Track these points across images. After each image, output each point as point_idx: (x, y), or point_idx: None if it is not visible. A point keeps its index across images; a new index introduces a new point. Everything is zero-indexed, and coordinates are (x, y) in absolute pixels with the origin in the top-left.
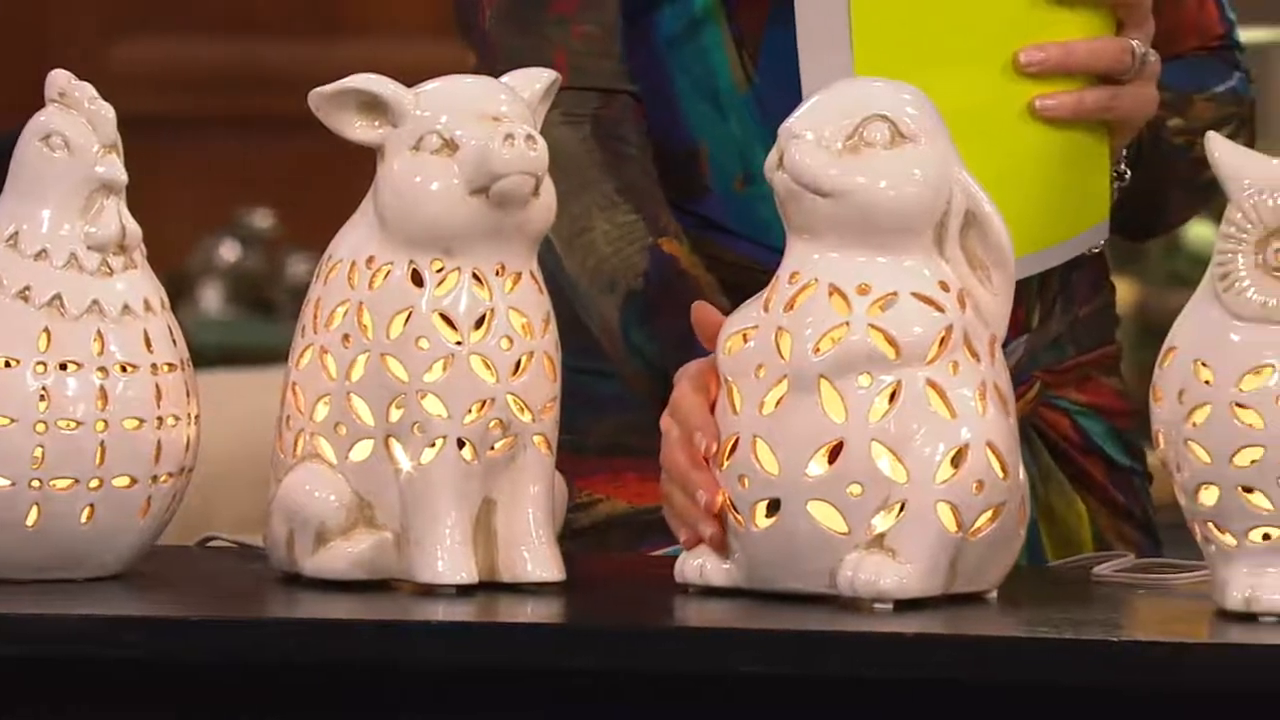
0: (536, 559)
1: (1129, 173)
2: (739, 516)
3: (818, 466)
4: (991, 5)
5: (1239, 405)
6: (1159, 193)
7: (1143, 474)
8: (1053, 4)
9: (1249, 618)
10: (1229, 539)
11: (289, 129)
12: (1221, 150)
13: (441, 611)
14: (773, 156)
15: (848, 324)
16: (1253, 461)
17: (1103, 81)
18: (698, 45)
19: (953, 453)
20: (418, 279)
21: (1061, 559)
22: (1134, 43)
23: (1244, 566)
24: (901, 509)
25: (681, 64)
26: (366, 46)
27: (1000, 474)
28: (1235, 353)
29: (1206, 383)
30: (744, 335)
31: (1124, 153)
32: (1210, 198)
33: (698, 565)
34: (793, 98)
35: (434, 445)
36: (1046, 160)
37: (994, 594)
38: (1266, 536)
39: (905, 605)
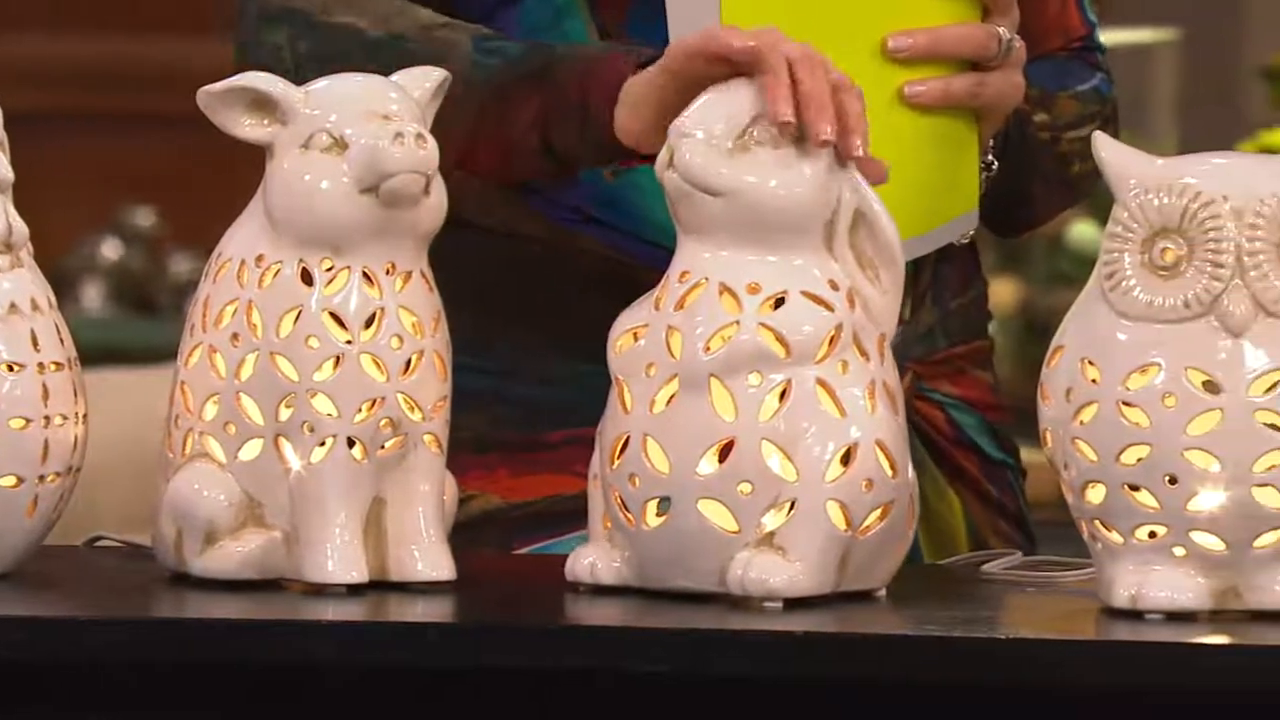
0: (427, 558)
1: (996, 163)
2: (629, 516)
3: (708, 465)
4: None
5: (1125, 404)
6: (1025, 187)
7: (1016, 469)
8: None
9: (1135, 615)
10: (1115, 537)
11: (171, 126)
12: (1108, 150)
13: (332, 611)
14: (663, 156)
15: (738, 323)
16: (1139, 460)
17: (970, 68)
18: (561, 35)
19: (842, 451)
20: (307, 278)
21: (936, 553)
22: (1000, 29)
23: (1130, 564)
24: (791, 507)
25: None
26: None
27: (889, 472)
28: (1122, 352)
29: (1094, 381)
30: (634, 334)
31: (991, 143)
32: (1077, 195)
33: (588, 564)
34: None
35: (324, 444)
36: (916, 147)
37: (883, 592)
38: (1152, 534)
39: (795, 603)
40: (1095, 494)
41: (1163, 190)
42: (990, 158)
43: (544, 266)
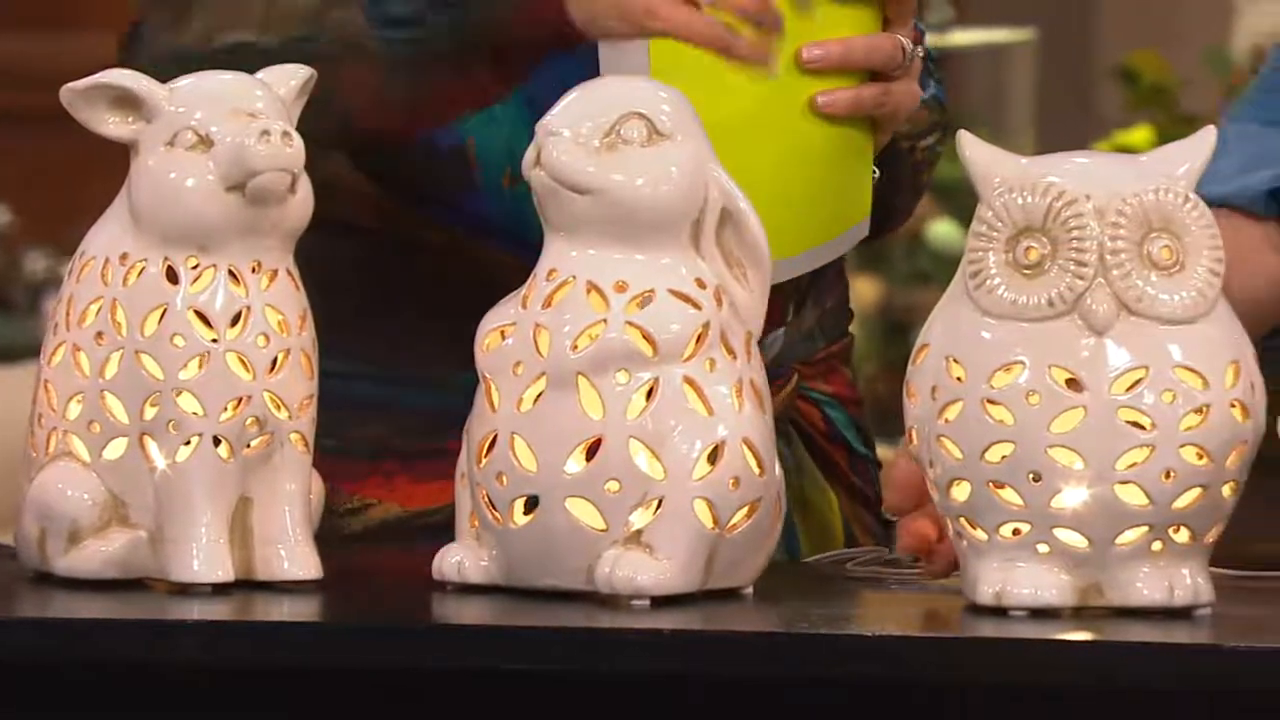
0: (293, 557)
1: (878, 172)
2: (497, 514)
3: (575, 463)
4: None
5: (990, 402)
6: (890, 194)
7: (875, 462)
8: (828, 2)
9: (999, 612)
10: (980, 534)
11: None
12: (973, 149)
13: (197, 610)
14: (530, 154)
15: (605, 321)
16: (1003, 457)
17: (869, 79)
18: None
19: (709, 449)
20: (172, 276)
21: (816, 548)
22: (903, 39)
23: (994, 561)
24: (659, 506)
25: None
26: (107, 40)
27: (756, 471)
28: (986, 350)
29: (959, 380)
30: (501, 332)
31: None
32: (923, 192)
33: (455, 562)
34: (563, 92)
35: (189, 443)
36: (823, 157)
37: (750, 590)
38: (1016, 532)
39: (662, 601)
40: (960, 491)
41: (1026, 189)
42: (874, 167)
43: (443, 274)
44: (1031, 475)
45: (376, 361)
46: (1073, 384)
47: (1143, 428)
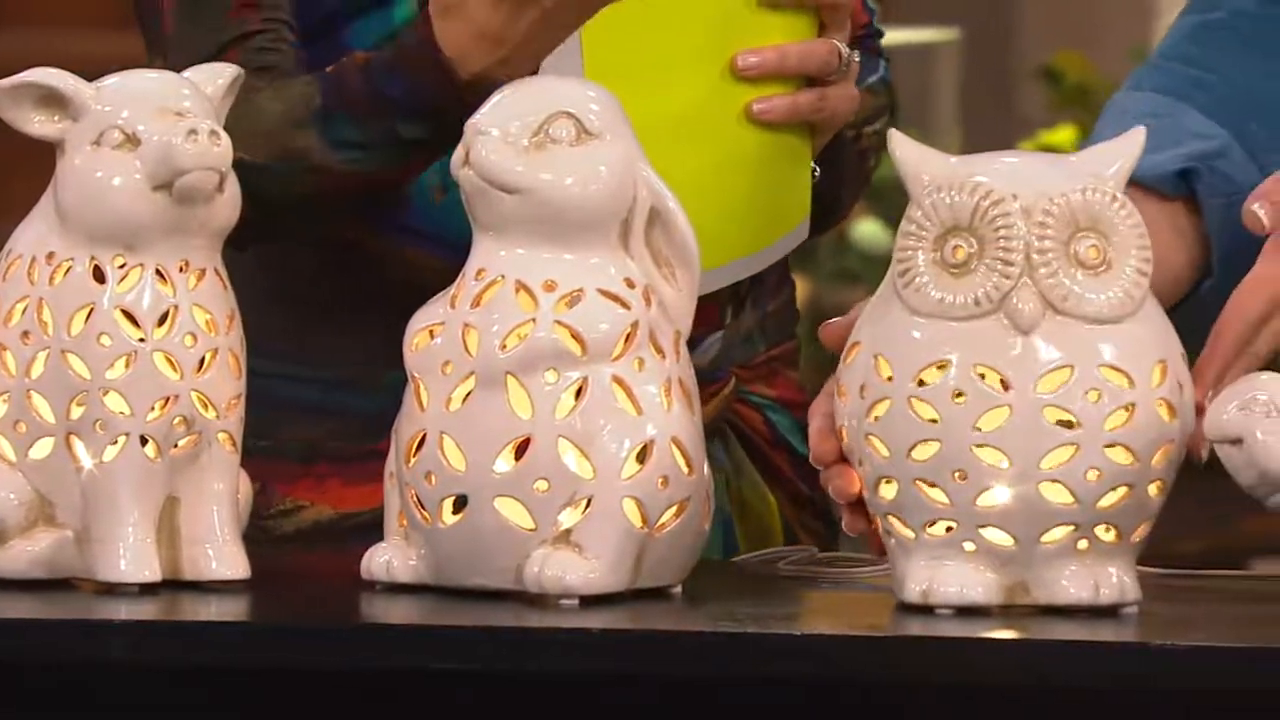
0: (221, 556)
1: (818, 170)
2: (425, 514)
3: (504, 463)
4: (706, 12)
5: (917, 400)
6: (835, 188)
7: None
8: (762, 9)
9: (926, 610)
10: (908, 532)
11: None
12: (903, 149)
13: (124, 610)
14: (459, 153)
15: (534, 320)
16: (930, 456)
17: (807, 84)
18: None
19: (638, 449)
20: (99, 275)
21: (754, 551)
22: (839, 44)
23: (922, 559)
24: (588, 505)
25: None
26: (29, 38)
27: (685, 470)
28: (914, 348)
29: (887, 378)
30: (430, 332)
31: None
32: (864, 189)
33: (384, 562)
34: None
35: (116, 443)
36: (760, 163)
37: (678, 589)
38: (944, 530)
39: (591, 601)
40: (888, 490)
41: (955, 188)
42: (813, 165)
43: (376, 277)
44: (957, 474)
45: (309, 363)
46: (1000, 383)
47: (1068, 426)
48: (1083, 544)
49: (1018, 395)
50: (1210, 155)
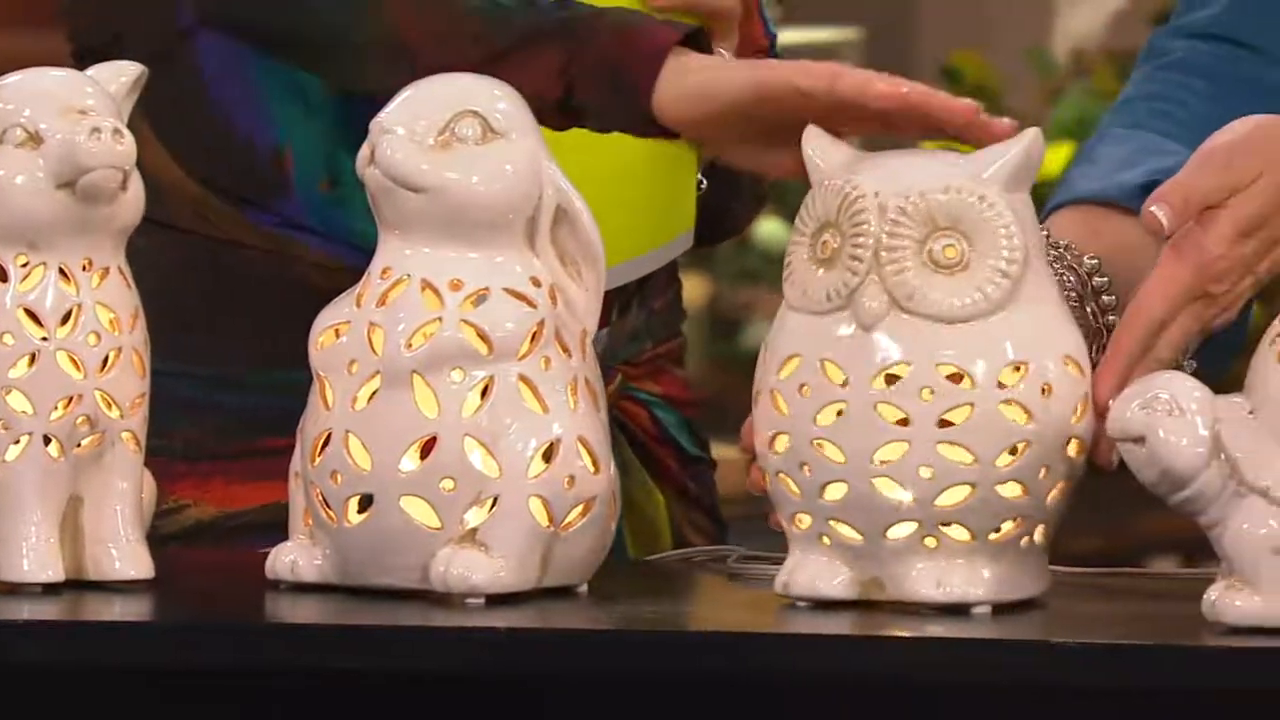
0: (125, 556)
1: (705, 182)
2: (331, 513)
3: (410, 462)
4: None
5: (777, 392)
6: (726, 201)
7: (709, 462)
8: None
9: (808, 604)
10: (785, 524)
11: None
12: (813, 145)
13: (27, 610)
14: (364, 152)
15: (440, 319)
16: (785, 449)
17: None
18: None
19: (544, 448)
20: (1, 274)
21: (642, 550)
22: (724, 53)
23: (797, 551)
24: (494, 504)
25: (267, 65)
26: None
27: (591, 469)
28: (780, 342)
29: (765, 371)
30: (336, 330)
31: (706, 155)
32: (766, 200)
33: (289, 561)
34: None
35: (19, 442)
36: (647, 170)
37: (584, 587)
38: (806, 523)
39: (497, 600)
40: (770, 483)
41: (830, 185)
42: (700, 176)
43: (261, 274)
44: (805, 467)
45: (193, 361)
46: (838, 377)
47: (899, 423)
48: (930, 542)
49: (853, 391)
50: (1172, 170)
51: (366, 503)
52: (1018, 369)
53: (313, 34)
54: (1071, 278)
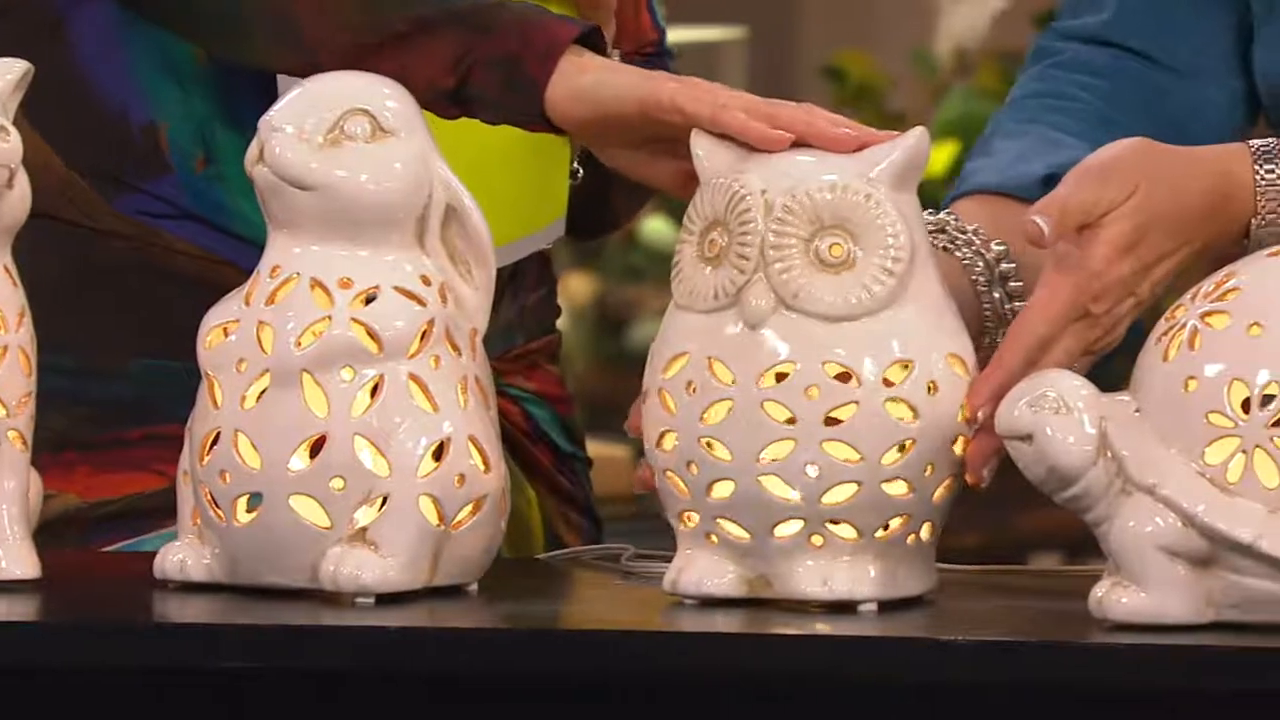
0: (11, 555)
1: (581, 171)
2: (219, 512)
3: (299, 461)
4: None
5: (664, 391)
6: (605, 192)
7: (584, 460)
8: None
9: (698, 601)
10: (672, 522)
11: None
12: (702, 146)
13: None
14: (253, 150)
15: (330, 318)
16: (672, 447)
17: None
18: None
19: (434, 446)
20: None
21: (514, 547)
22: (616, 54)
23: (685, 549)
24: (384, 503)
25: (139, 41)
26: None
27: (482, 467)
28: (667, 340)
29: (652, 370)
30: (225, 329)
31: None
32: (649, 195)
33: (178, 560)
34: (254, 76)
35: None
36: (516, 157)
37: (474, 586)
38: (694, 521)
39: (387, 599)
40: (658, 480)
41: (718, 183)
42: (575, 165)
43: (127, 263)
44: (692, 465)
45: (57, 351)
46: (726, 376)
47: (786, 422)
48: (817, 539)
49: (739, 389)
50: (1070, 164)
51: (255, 501)
52: (904, 367)
53: (204, 2)
54: (980, 264)
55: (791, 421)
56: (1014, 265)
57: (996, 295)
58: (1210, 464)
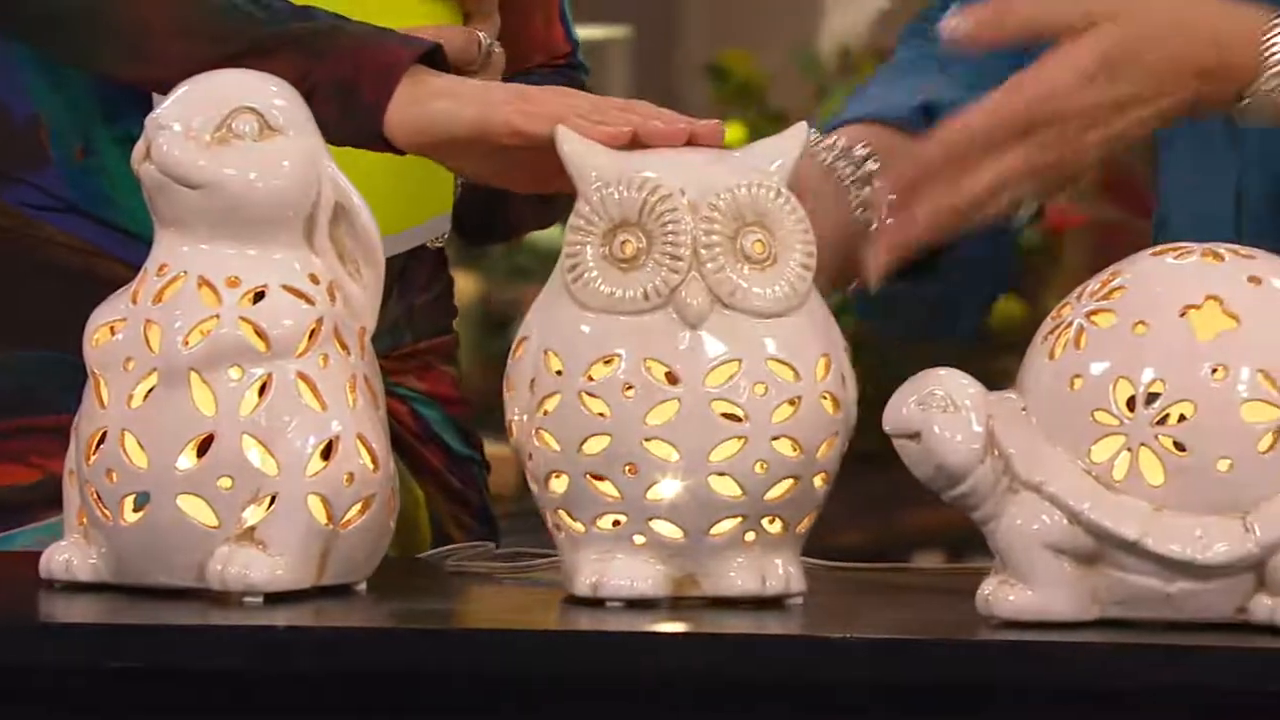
0: None
1: None
2: (106, 512)
3: (187, 460)
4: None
5: (588, 394)
6: (501, 199)
7: (480, 463)
8: None
9: (597, 603)
10: (579, 526)
11: None
12: (570, 144)
13: None
14: (139, 147)
15: (218, 316)
16: (601, 450)
17: (457, 74)
18: None
19: (323, 445)
20: None
21: (401, 546)
22: (480, 34)
23: (592, 553)
24: (272, 502)
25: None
26: None
27: (371, 466)
28: (584, 343)
29: (557, 373)
30: (111, 328)
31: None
32: (554, 213)
33: (63, 560)
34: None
35: None
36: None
37: (363, 585)
38: (614, 523)
39: (276, 598)
40: (559, 484)
41: (623, 183)
42: None
43: (9, 255)
44: (628, 467)
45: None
46: (669, 376)
47: (736, 420)
48: (750, 536)
49: (686, 389)
50: (949, 96)
51: (143, 501)
52: (826, 361)
53: (55, 10)
54: (849, 169)
55: (740, 419)
56: (879, 166)
57: (865, 191)
58: (1096, 462)
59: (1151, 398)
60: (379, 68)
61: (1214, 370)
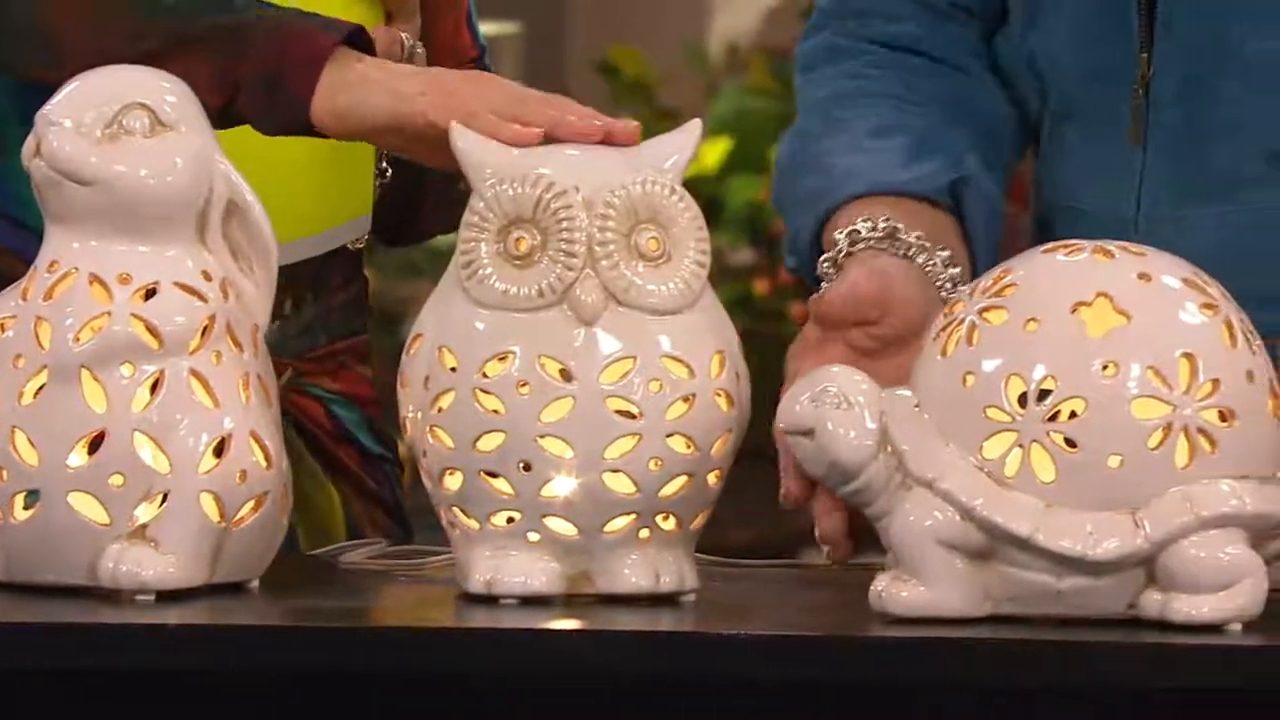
0: None
1: (390, 170)
2: None
3: (78, 457)
4: None
5: (482, 391)
6: (414, 200)
7: (394, 461)
8: None
9: (491, 600)
10: (473, 523)
11: None
12: (464, 140)
13: None
14: (29, 144)
15: (109, 314)
16: (495, 447)
17: None
18: None
19: (215, 442)
20: None
21: (314, 545)
22: (402, 35)
23: (486, 550)
24: (164, 500)
25: None
26: None
27: (263, 464)
28: (479, 340)
29: (452, 369)
30: (2, 325)
31: (385, 150)
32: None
33: None
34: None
35: None
36: (319, 150)
37: (256, 583)
38: (508, 520)
39: (168, 596)
40: (453, 481)
41: (517, 180)
42: (385, 164)
43: None
44: (522, 464)
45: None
46: (563, 374)
47: (630, 417)
48: (644, 533)
49: (580, 386)
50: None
51: (33, 498)
52: (721, 359)
53: None
54: (942, 273)
55: (635, 416)
56: (959, 270)
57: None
58: (988, 458)
59: (1043, 394)
60: (303, 58)
61: (1105, 367)
